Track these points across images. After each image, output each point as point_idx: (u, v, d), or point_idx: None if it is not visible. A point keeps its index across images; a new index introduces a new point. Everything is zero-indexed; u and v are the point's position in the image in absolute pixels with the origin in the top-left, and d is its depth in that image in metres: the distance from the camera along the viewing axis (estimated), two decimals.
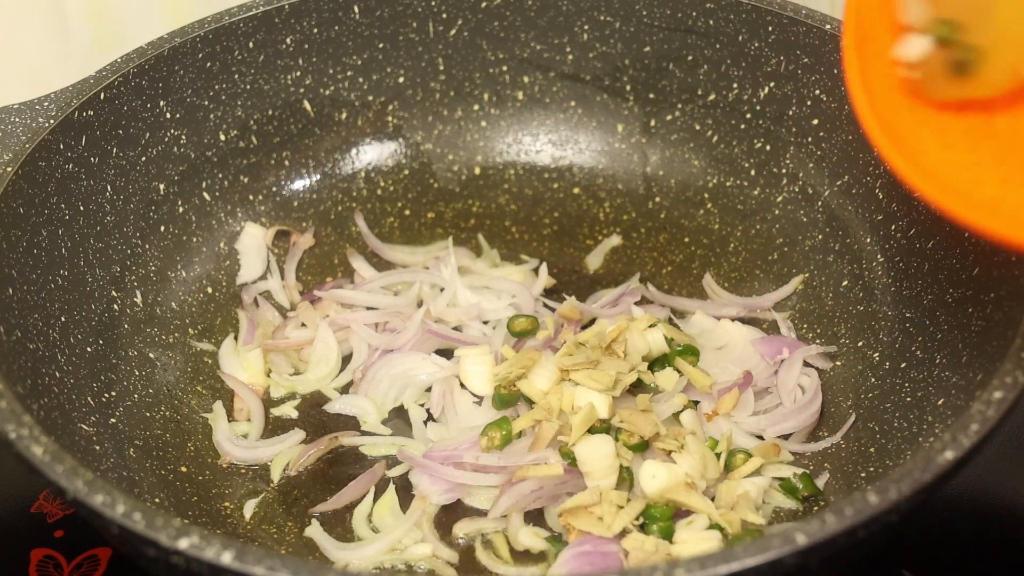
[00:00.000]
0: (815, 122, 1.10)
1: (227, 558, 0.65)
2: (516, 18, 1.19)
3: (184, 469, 0.98)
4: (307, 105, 1.18)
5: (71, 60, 1.27)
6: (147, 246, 1.08)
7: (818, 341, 1.06)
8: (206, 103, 1.12)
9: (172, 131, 1.09)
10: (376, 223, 1.21)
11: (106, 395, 0.98)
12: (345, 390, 1.05)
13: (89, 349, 0.98)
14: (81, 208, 1.00)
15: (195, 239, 1.13)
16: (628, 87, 1.20)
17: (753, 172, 1.16)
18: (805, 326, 1.08)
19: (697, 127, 1.19)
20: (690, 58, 1.16)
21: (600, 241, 1.19)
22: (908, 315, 0.99)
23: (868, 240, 1.06)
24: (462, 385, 1.03)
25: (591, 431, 0.93)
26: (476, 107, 1.24)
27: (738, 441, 0.97)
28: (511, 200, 1.23)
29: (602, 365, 0.98)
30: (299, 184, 1.20)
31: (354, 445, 1.00)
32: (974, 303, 0.90)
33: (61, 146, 0.98)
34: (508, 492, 0.92)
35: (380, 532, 0.93)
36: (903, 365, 0.97)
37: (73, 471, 0.71)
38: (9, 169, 0.93)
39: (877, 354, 1.01)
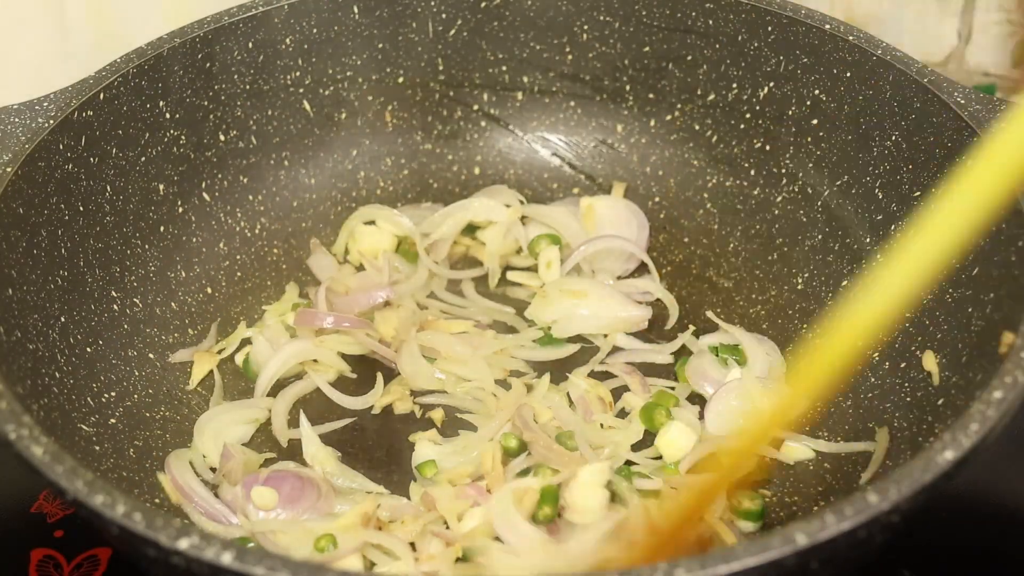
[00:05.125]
0: (815, 122, 1.10)
1: (227, 558, 0.65)
2: (516, 18, 1.19)
3: None
4: (307, 105, 1.18)
5: (71, 60, 1.27)
6: (147, 246, 1.08)
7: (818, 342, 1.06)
8: (206, 103, 1.12)
9: (172, 131, 1.09)
10: None
11: (106, 395, 0.98)
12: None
13: (89, 349, 0.98)
14: (81, 208, 1.00)
15: (195, 239, 1.13)
16: (628, 87, 1.20)
17: (753, 172, 1.16)
18: (805, 326, 1.08)
19: (697, 127, 1.19)
20: (690, 58, 1.16)
21: None
22: (908, 315, 0.99)
23: (868, 240, 1.06)
24: None
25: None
26: (476, 107, 1.24)
27: None
28: None
29: None
30: (299, 184, 1.20)
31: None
32: (974, 303, 0.90)
33: (61, 146, 0.98)
34: None
35: None
36: (903, 365, 0.97)
37: (73, 471, 0.71)
38: (9, 169, 0.92)
39: (877, 354, 1.01)
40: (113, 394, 0.98)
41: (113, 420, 0.97)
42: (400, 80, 1.21)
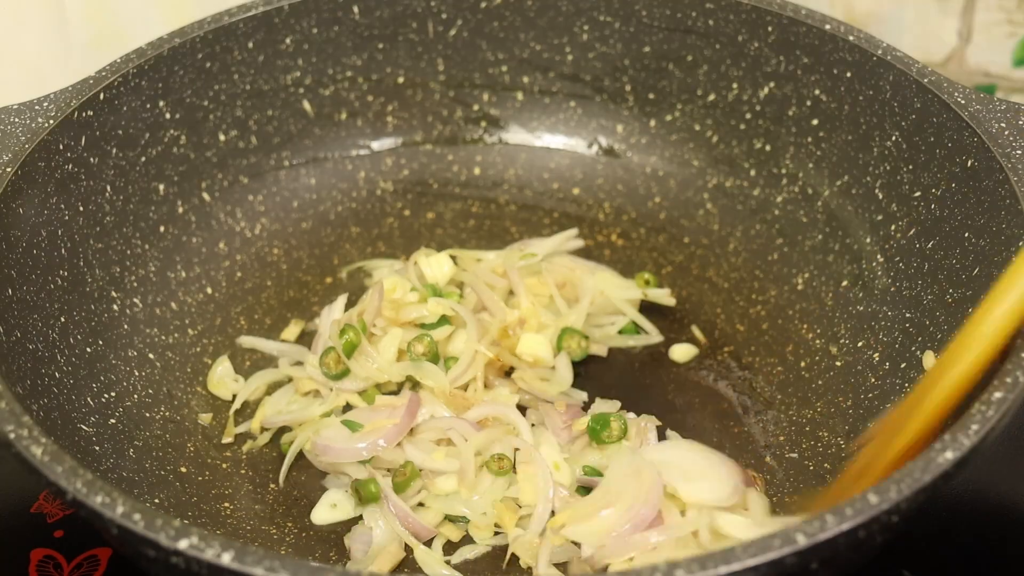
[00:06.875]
0: (815, 122, 1.10)
1: (227, 558, 0.65)
2: (516, 18, 1.19)
3: (184, 469, 0.98)
4: (307, 105, 1.18)
5: (71, 60, 1.27)
6: (147, 246, 1.08)
7: (818, 342, 1.06)
8: (206, 103, 1.12)
9: (172, 131, 1.09)
10: (376, 223, 1.21)
11: (106, 395, 0.98)
12: None
13: (89, 349, 0.98)
14: (81, 208, 1.00)
15: (195, 239, 1.13)
16: (628, 87, 1.20)
17: (753, 172, 1.16)
18: (805, 326, 1.08)
19: (697, 127, 1.19)
20: (690, 58, 1.16)
21: (600, 241, 1.19)
22: (908, 315, 0.99)
23: (868, 240, 1.06)
24: None
25: None
26: (476, 107, 1.24)
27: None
28: (511, 200, 1.23)
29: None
30: (299, 184, 1.20)
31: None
32: (974, 303, 0.90)
33: (61, 146, 0.98)
34: None
35: None
36: (903, 365, 0.97)
37: (73, 471, 0.71)
38: (9, 169, 0.93)
39: (877, 354, 1.01)
40: (113, 394, 0.99)
41: (113, 420, 0.97)
42: (400, 80, 1.21)
